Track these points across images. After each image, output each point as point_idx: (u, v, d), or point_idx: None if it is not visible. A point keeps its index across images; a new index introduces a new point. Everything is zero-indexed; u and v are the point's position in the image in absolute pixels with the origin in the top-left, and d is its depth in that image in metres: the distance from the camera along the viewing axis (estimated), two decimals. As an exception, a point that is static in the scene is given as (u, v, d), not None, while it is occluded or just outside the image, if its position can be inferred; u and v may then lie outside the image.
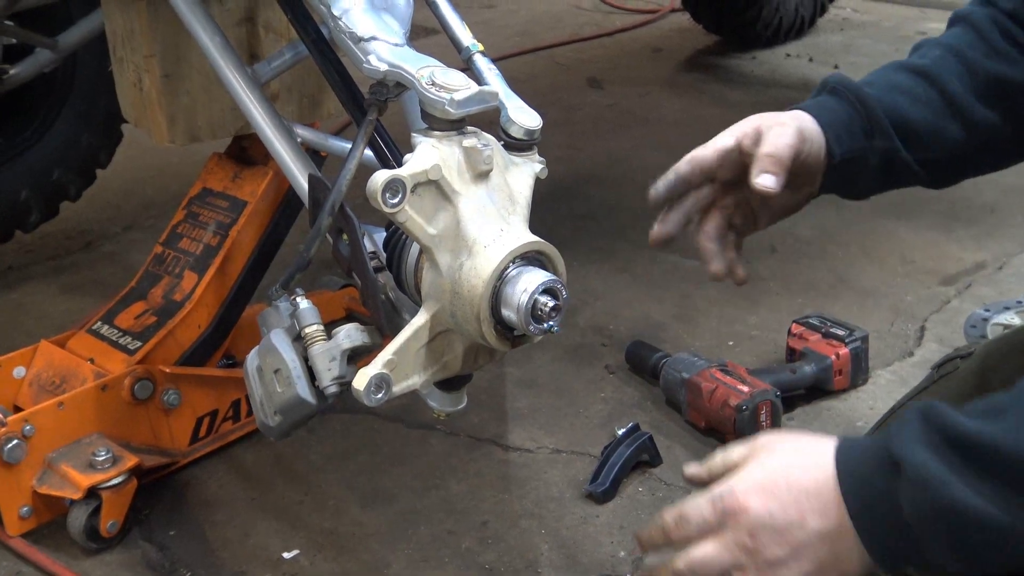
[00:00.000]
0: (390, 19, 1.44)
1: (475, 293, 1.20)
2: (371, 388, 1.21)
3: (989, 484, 0.85)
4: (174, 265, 1.97)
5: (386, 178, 1.17)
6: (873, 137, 1.28)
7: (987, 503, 0.85)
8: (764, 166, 1.25)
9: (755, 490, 0.96)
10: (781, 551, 0.94)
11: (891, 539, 0.92)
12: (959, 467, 0.86)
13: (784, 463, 0.98)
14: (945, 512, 0.86)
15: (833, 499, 0.93)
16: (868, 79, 1.33)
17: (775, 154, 1.25)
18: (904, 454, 0.89)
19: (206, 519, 1.86)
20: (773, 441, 1.02)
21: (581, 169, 3.26)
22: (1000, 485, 0.85)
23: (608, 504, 1.86)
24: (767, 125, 1.28)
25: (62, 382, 1.88)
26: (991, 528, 0.85)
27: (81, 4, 2.48)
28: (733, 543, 0.96)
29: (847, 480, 0.93)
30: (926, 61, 1.32)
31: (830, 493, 0.94)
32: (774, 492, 0.95)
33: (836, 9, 4.63)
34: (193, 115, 1.93)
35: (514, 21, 4.87)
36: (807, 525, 0.94)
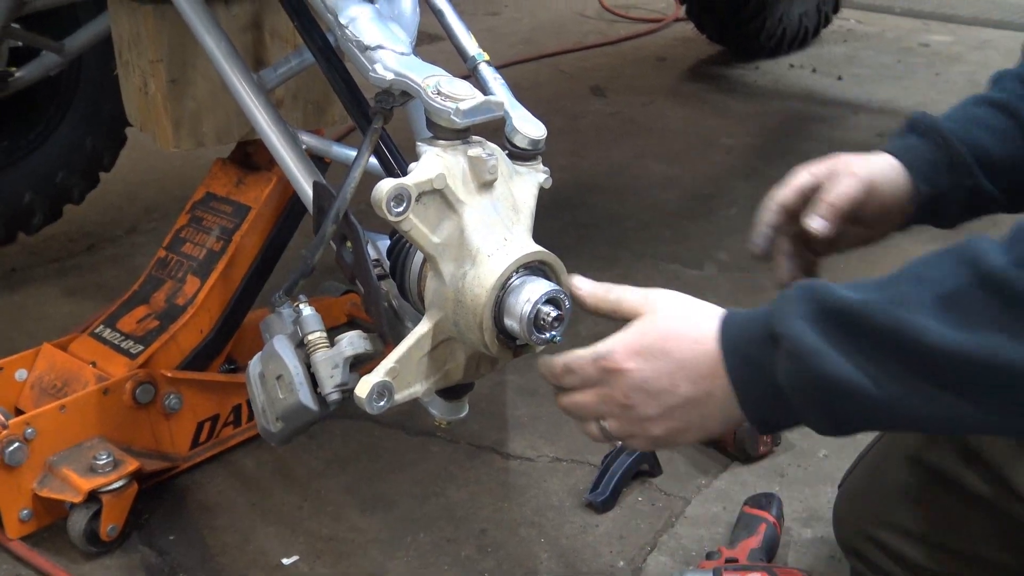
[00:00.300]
0: (396, 28, 1.45)
1: (478, 302, 1.20)
2: (373, 396, 1.21)
3: (861, 353, 0.88)
4: (177, 269, 1.97)
5: (391, 187, 1.17)
6: (956, 173, 1.33)
7: (858, 372, 0.88)
8: (819, 210, 1.31)
9: (634, 354, 1.04)
10: (651, 410, 1.04)
11: (768, 407, 0.97)
12: (833, 337, 0.89)
13: (667, 330, 1.04)
14: (817, 382, 0.90)
15: (709, 369, 1.00)
16: (949, 114, 1.39)
17: (833, 203, 1.31)
18: (781, 327, 0.93)
19: (206, 524, 1.86)
20: (663, 302, 1.07)
21: (584, 178, 3.27)
22: (871, 353, 0.88)
23: (608, 513, 1.86)
24: (839, 171, 1.33)
25: (64, 385, 1.89)
26: (861, 396, 0.88)
27: (87, 8, 2.48)
28: (609, 398, 1.06)
29: (729, 352, 0.99)
30: (1004, 95, 1.37)
31: (708, 362, 1.00)
32: (651, 358, 1.03)
33: (839, 20, 4.63)
34: (198, 120, 1.94)
35: (518, 29, 4.88)
36: (678, 391, 1.02)
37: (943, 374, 0.85)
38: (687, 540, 1.80)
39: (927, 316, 0.85)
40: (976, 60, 4.35)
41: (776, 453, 2.00)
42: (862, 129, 3.65)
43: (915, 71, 4.23)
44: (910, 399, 0.87)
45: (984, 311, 0.84)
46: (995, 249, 0.86)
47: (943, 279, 0.87)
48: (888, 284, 0.90)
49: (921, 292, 0.87)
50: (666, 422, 1.04)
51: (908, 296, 0.87)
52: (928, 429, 0.91)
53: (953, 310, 0.85)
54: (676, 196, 3.14)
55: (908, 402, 0.87)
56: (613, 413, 1.07)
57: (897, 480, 1.34)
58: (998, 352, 0.82)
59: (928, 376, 0.86)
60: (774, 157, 3.43)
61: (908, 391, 0.87)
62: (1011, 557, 1.26)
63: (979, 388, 0.84)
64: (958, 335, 0.84)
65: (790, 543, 1.79)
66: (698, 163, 3.39)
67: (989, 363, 0.83)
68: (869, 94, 3.97)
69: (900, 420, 0.90)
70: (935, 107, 3.99)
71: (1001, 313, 0.83)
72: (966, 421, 0.87)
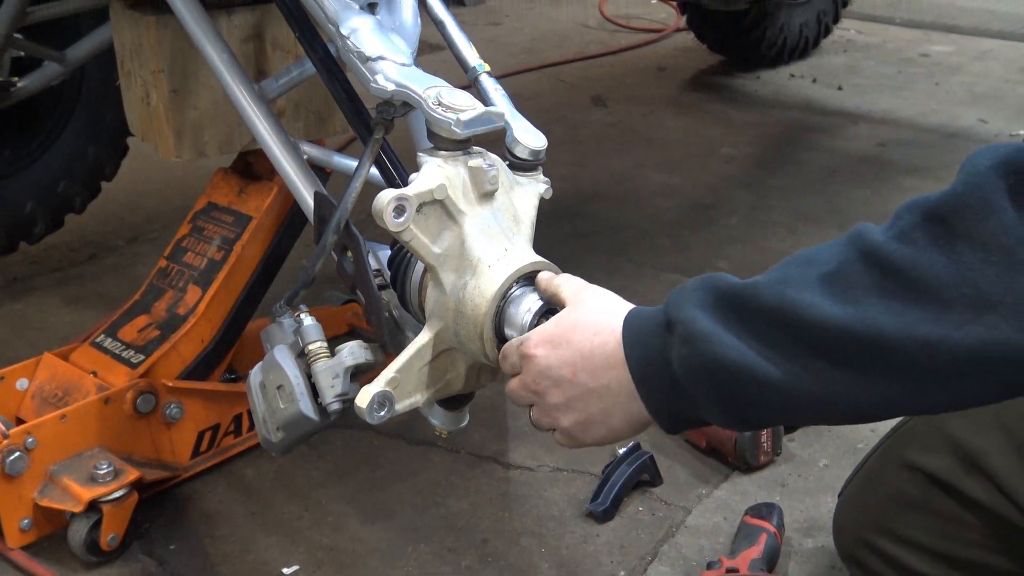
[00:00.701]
0: (398, 39, 1.45)
1: (478, 312, 1.21)
2: (374, 406, 1.22)
3: (751, 334, 0.89)
4: (178, 279, 1.98)
5: (392, 197, 1.17)
6: None
7: (750, 351, 0.89)
8: None
9: (544, 342, 1.07)
10: (556, 399, 1.06)
11: (666, 397, 0.98)
12: (724, 320, 0.91)
13: (577, 321, 1.07)
14: (710, 364, 0.91)
15: (607, 360, 1.01)
16: None
17: None
18: (676, 314, 0.95)
19: (206, 533, 1.86)
20: (590, 297, 1.10)
21: (584, 187, 3.27)
22: (760, 332, 0.88)
23: (608, 523, 1.86)
24: None
25: (64, 395, 1.89)
26: (754, 377, 0.89)
27: (90, 18, 2.49)
28: (524, 384, 1.10)
29: (629, 342, 1.00)
30: None
31: (607, 353, 1.02)
32: (557, 347, 1.06)
33: (840, 30, 4.64)
34: (200, 130, 1.94)
35: (519, 39, 4.89)
36: (577, 380, 1.04)
37: (828, 348, 0.86)
38: (688, 550, 1.80)
39: (812, 293, 0.86)
40: (976, 71, 4.36)
41: (776, 463, 2.00)
42: (862, 139, 3.66)
43: (915, 81, 4.24)
44: (800, 376, 0.87)
45: (863, 284, 0.85)
46: (877, 229, 0.87)
47: (829, 259, 0.88)
48: (779, 268, 0.92)
49: (808, 272, 0.88)
50: (571, 413, 1.06)
51: (795, 276, 0.89)
52: (823, 413, 0.90)
53: (835, 284, 0.86)
54: (677, 205, 3.14)
55: (798, 379, 0.88)
56: (531, 400, 1.10)
57: (896, 488, 1.34)
58: (877, 322, 0.83)
59: (813, 350, 0.87)
60: (775, 167, 3.44)
61: (796, 367, 0.87)
62: (1010, 563, 1.26)
63: (863, 360, 0.85)
64: (839, 308, 0.85)
65: (791, 553, 1.78)
66: (699, 172, 3.39)
67: (869, 334, 0.84)
68: (869, 104, 3.98)
69: (795, 403, 0.89)
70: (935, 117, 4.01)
71: (879, 285, 0.84)
72: (856, 398, 0.87)
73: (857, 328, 0.84)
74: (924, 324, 0.82)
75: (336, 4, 1.49)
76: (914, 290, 0.83)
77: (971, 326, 0.80)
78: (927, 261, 0.82)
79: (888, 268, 0.84)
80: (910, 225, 0.84)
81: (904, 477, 1.33)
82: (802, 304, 0.86)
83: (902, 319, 0.82)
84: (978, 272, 0.80)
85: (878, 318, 0.83)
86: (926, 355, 0.82)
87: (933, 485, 1.30)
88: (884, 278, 0.84)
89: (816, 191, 3.22)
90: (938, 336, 0.81)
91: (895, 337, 0.83)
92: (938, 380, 0.84)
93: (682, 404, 0.97)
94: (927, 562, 1.30)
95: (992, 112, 3.84)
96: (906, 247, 0.84)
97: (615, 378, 1.02)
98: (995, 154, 0.82)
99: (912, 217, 0.85)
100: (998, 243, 0.80)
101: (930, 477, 1.30)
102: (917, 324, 0.82)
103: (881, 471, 1.39)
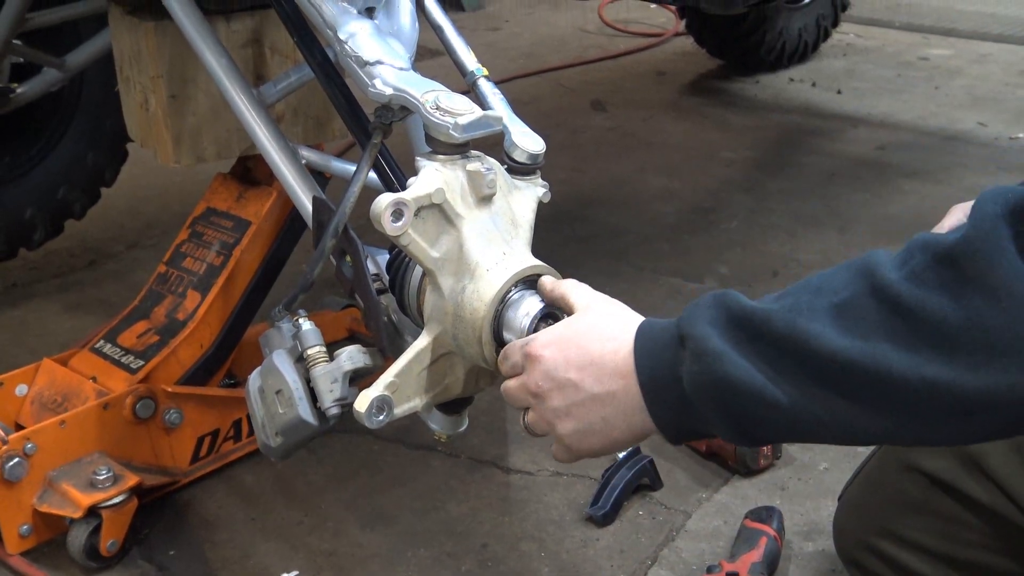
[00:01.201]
0: (396, 43, 1.46)
1: (477, 316, 1.20)
2: (373, 410, 1.22)
3: (760, 356, 0.90)
4: (177, 284, 1.98)
5: (390, 201, 1.17)
6: None
7: (758, 374, 0.90)
8: None
9: (553, 343, 1.07)
10: (558, 402, 1.05)
11: (674, 411, 0.98)
12: (736, 342, 0.92)
13: (589, 326, 1.07)
14: (718, 383, 0.92)
15: (617, 368, 1.01)
16: None
17: None
18: (688, 329, 0.96)
19: (206, 539, 1.86)
20: (599, 304, 1.11)
21: (584, 192, 3.27)
22: (769, 356, 0.90)
23: (608, 527, 1.85)
24: None
25: (64, 400, 1.89)
26: (760, 398, 0.90)
27: (89, 24, 2.49)
28: (525, 386, 1.09)
29: (640, 353, 1.01)
30: None
31: (617, 361, 1.02)
32: (566, 350, 1.05)
33: (839, 34, 4.64)
34: (199, 136, 1.94)
35: (519, 43, 4.89)
36: (583, 386, 1.03)
37: (836, 379, 0.87)
38: (688, 554, 1.79)
39: (822, 323, 0.88)
40: (976, 74, 4.36)
41: (777, 466, 2.00)
42: (861, 142, 3.66)
43: (915, 85, 4.24)
44: (806, 403, 0.89)
45: (874, 320, 0.86)
46: (890, 262, 0.88)
47: (840, 289, 0.90)
48: (791, 294, 0.93)
49: (819, 301, 0.90)
50: (569, 421, 1.05)
51: (807, 304, 0.90)
52: (828, 436, 0.92)
53: (845, 317, 0.88)
54: (676, 209, 3.14)
55: (805, 405, 0.89)
56: (529, 403, 1.09)
57: (897, 489, 1.34)
58: (885, 359, 0.85)
59: (821, 380, 0.88)
60: (774, 170, 3.44)
61: (803, 394, 0.89)
62: (1012, 563, 1.26)
63: (869, 394, 0.87)
64: (848, 341, 0.86)
65: (791, 556, 1.78)
66: (698, 177, 3.39)
67: (875, 369, 0.85)
68: (869, 108, 3.98)
69: (801, 425, 0.91)
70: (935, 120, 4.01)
71: (889, 323, 0.85)
72: (860, 426, 0.89)
73: (865, 363, 0.85)
74: (932, 365, 0.83)
75: (334, 9, 1.49)
76: (923, 331, 0.84)
77: (979, 370, 0.82)
78: (937, 304, 0.84)
79: (899, 308, 0.85)
80: (922, 266, 0.85)
81: (904, 478, 1.33)
82: (812, 333, 0.88)
83: (911, 359, 0.84)
84: (987, 318, 0.82)
85: (887, 355, 0.85)
86: (932, 395, 0.84)
87: (933, 486, 1.30)
88: (894, 316, 0.85)
89: (816, 194, 3.22)
90: (946, 378, 0.83)
91: (903, 375, 0.84)
92: (942, 418, 0.86)
93: (690, 419, 0.98)
94: (928, 563, 1.30)
95: (991, 115, 3.84)
96: (917, 288, 0.85)
97: (623, 387, 1.01)
98: (1004, 200, 0.83)
99: (924, 257, 0.86)
100: (1008, 290, 0.81)
101: (930, 478, 1.30)
102: (925, 365, 0.84)
103: (881, 473, 1.39)
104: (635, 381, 1.00)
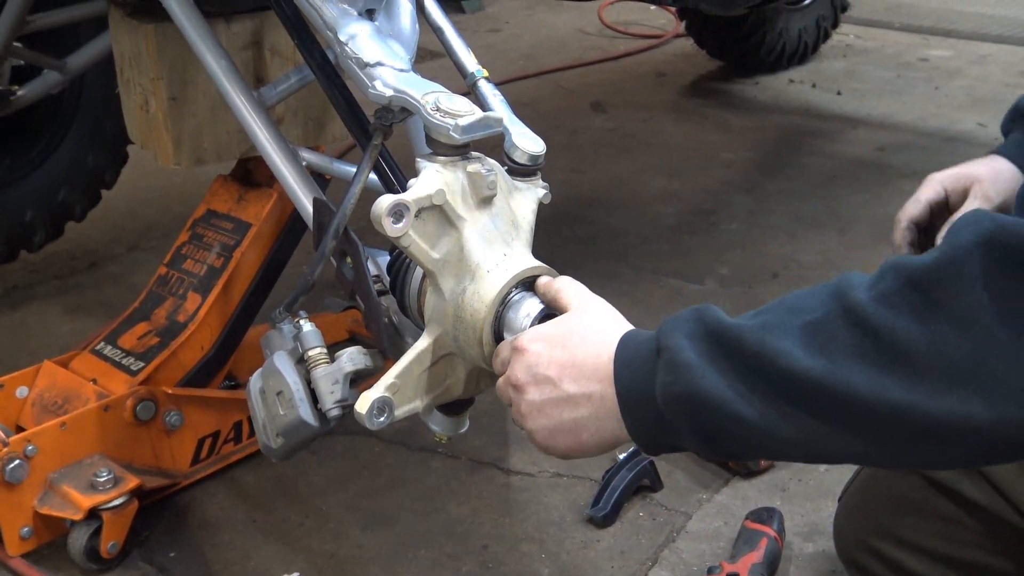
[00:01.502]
0: (396, 45, 1.46)
1: (477, 317, 1.20)
2: (373, 411, 1.22)
3: (732, 371, 0.91)
4: (178, 286, 1.98)
5: (390, 202, 1.17)
6: None
7: (728, 389, 0.90)
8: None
9: (540, 339, 1.07)
10: (533, 398, 1.06)
11: (648, 422, 0.99)
12: (709, 355, 0.92)
13: (577, 327, 1.07)
14: (689, 395, 0.93)
15: (595, 372, 1.02)
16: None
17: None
18: (665, 341, 0.96)
19: (206, 541, 1.86)
20: (592, 306, 1.10)
21: (584, 193, 3.28)
22: (740, 372, 0.90)
23: (609, 529, 1.85)
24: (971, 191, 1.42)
25: (64, 402, 1.89)
26: (729, 413, 0.91)
27: (89, 26, 2.49)
28: (508, 380, 1.09)
29: (620, 362, 1.01)
30: None
31: (597, 365, 1.02)
32: (552, 348, 1.06)
33: (839, 35, 4.64)
34: (199, 137, 1.95)
35: (519, 45, 4.90)
36: (560, 385, 1.03)
37: (803, 397, 0.88)
38: (688, 555, 1.80)
39: (791, 341, 0.88)
40: (975, 74, 4.36)
41: (777, 468, 2.00)
42: (861, 143, 3.66)
43: (914, 86, 4.24)
44: (776, 420, 0.89)
45: (842, 340, 0.86)
46: (862, 284, 0.88)
47: (813, 309, 0.90)
48: (767, 311, 0.93)
49: (792, 319, 0.90)
50: (541, 418, 1.05)
51: (778, 322, 0.90)
52: (799, 455, 0.93)
53: (815, 337, 0.88)
54: (676, 211, 3.14)
55: (775, 423, 0.89)
56: (511, 397, 1.09)
57: (896, 491, 1.34)
58: (850, 381, 0.85)
59: (789, 398, 0.88)
60: (774, 171, 3.44)
61: (772, 411, 0.89)
62: (1010, 563, 1.26)
63: (836, 415, 0.87)
64: (814, 361, 0.86)
65: (792, 557, 1.78)
66: (698, 178, 3.39)
67: (842, 390, 0.85)
68: (868, 109, 3.98)
69: (772, 443, 0.91)
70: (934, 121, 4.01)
71: (857, 344, 0.85)
72: (832, 447, 0.89)
73: (831, 383, 0.86)
74: (896, 390, 0.83)
75: (334, 10, 1.49)
76: (889, 354, 0.84)
77: (941, 397, 0.82)
78: (904, 328, 0.84)
79: (867, 329, 0.85)
80: (892, 289, 0.85)
81: (903, 480, 1.33)
82: (781, 351, 0.88)
83: (875, 381, 0.84)
84: (952, 346, 0.82)
85: (852, 377, 0.85)
86: (896, 419, 0.84)
87: (932, 487, 1.30)
88: (863, 338, 0.85)
89: (816, 195, 3.23)
90: (908, 402, 0.83)
91: (866, 398, 0.84)
92: (908, 443, 0.86)
93: (663, 432, 0.98)
94: (927, 564, 1.30)
95: (991, 116, 3.84)
96: (886, 310, 0.85)
97: (599, 392, 1.02)
98: (979, 228, 0.83)
99: (895, 281, 0.86)
100: (975, 319, 0.81)
101: (929, 479, 1.30)
102: (889, 388, 0.84)
103: (880, 474, 1.39)
104: (612, 388, 1.01)
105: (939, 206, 1.47)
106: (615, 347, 1.02)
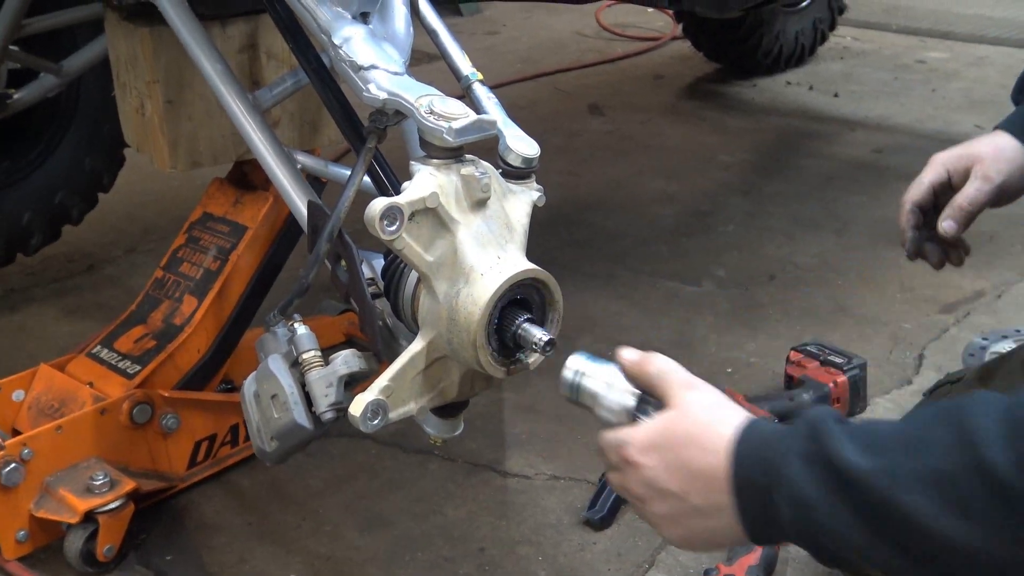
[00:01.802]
0: (390, 48, 1.46)
1: (472, 320, 1.21)
2: (367, 414, 1.22)
3: (857, 516, 0.89)
4: (174, 289, 1.98)
5: (384, 205, 1.18)
6: None
7: (854, 532, 0.90)
8: (953, 214, 1.42)
9: (650, 450, 1.03)
10: (662, 510, 1.03)
11: (766, 529, 0.98)
12: (831, 491, 0.91)
13: (686, 435, 1.03)
14: (816, 530, 0.92)
15: (720, 485, 0.99)
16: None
17: (964, 207, 1.41)
18: (784, 468, 0.94)
19: (203, 544, 1.85)
20: (693, 401, 1.05)
21: (581, 195, 3.28)
22: (866, 519, 0.89)
23: (606, 531, 1.85)
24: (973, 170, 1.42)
25: (61, 406, 1.89)
26: (853, 551, 0.91)
27: (86, 30, 2.50)
28: (625, 488, 1.07)
29: (737, 478, 0.99)
30: None
31: (720, 479, 0.99)
32: (666, 460, 1.03)
33: (836, 38, 4.65)
34: (195, 141, 1.95)
35: (517, 47, 4.90)
36: (688, 500, 1.01)
37: (933, 555, 0.87)
38: (685, 557, 1.79)
39: (921, 494, 0.86)
40: (973, 76, 4.36)
41: (774, 470, 1.99)
42: (859, 145, 3.66)
43: (912, 88, 4.24)
44: (899, 565, 0.89)
45: (979, 503, 0.84)
46: (996, 439, 0.84)
47: (940, 455, 0.87)
48: (883, 449, 0.90)
49: (916, 465, 0.87)
50: (677, 528, 1.03)
51: (903, 468, 0.88)
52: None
53: (948, 493, 0.85)
54: (674, 213, 3.14)
55: (896, 566, 0.89)
56: (632, 502, 1.07)
57: None
58: (986, 544, 0.83)
59: (916, 552, 0.87)
60: (772, 174, 3.44)
61: (898, 558, 0.89)
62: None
63: (963, 571, 0.86)
64: (950, 521, 0.85)
65: (788, 560, 1.78)
66: (696, 180, 3.39)
67: (976, 553, 0.84)
68: (866, 111, 3.98)
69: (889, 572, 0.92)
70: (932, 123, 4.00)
71: (997, 510, 0.83)
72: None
73: (967, 545, 0.84)
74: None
75: (329, 14, 1.49)
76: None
77: None
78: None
79: (1006, 496, 0.83)
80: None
81: None
82: (911, 506, 0.86)
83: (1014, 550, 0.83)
84: None
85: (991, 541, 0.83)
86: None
87: None
88: (1002, 504, 0.83)
89: (813, 197, 3.23)
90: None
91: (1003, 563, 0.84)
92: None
93: (780, 535, 0.97)
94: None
95: (988, 118, 3.84)
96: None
97: (727, 503, 0.99)
98: None
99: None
100: None
101: None
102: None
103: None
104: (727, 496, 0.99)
105: (943, 187, 1.47)
106: (730, 453, 0.99)
